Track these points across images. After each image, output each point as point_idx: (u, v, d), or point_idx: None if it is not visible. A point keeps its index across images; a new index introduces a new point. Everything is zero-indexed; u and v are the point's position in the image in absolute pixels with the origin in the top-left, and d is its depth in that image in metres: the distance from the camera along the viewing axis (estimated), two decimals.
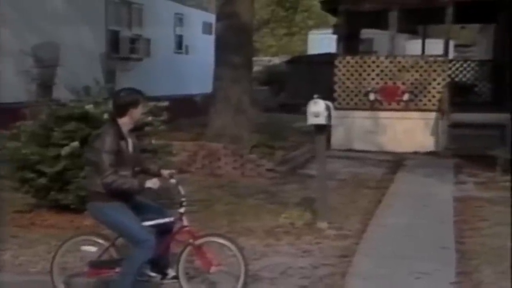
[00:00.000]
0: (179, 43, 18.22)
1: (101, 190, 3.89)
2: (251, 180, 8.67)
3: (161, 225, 4.08)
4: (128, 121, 3.99)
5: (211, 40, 12.22)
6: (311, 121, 6.05)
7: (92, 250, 4.15)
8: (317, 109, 5.98)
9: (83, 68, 11.40)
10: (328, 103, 6.11)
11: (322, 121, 6.02)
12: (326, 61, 14.24)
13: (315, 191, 6.63)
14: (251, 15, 11.47)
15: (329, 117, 6.04)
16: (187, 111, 14.12)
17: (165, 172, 4.22)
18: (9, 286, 4.61)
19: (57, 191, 6.27)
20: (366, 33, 16.92)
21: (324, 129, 6.23)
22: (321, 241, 5.69)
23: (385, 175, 9.32)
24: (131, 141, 4.04)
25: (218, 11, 11.31)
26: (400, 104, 11.85)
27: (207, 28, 19.05)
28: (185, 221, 4.10)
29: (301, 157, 10.44)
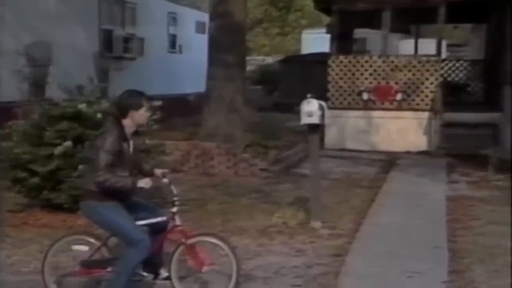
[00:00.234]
0: (173, 42, 18.18)
1: (95, 189, 3.88)
2: (245, 179, 8.68)
3: (154, 225, 4.08)
4: (130, 123, 3.98)
5: (204, 39, 12.22)
6: (305, 120, 6.06)
7: (83, 249, 4.14)
8: (311, 109, 5.99)
9: (76, 67, 11.36)
10: (321, 102, 6.12)
11: (315, 120, 6.03)
12: (319, 60, 14.26)
13: (309, 190, 6.64)
14: (244, 15, 11.47)
15: (322, 117, 6.05)
16: (180, 111, 14.10)
17: (158, 171, 4.22)
18: (1, 286, 4.59)
19: (49, 191, 6.26)
20: (359, 33, 16.96)
21: (317, 129, 6.25)
22: (314, 241, 5.70)
23: (378, 174, 9.35)
24: (132, 143, 4.02)
25: (211, 10, 11.30)
26: (393, 103, 11.89)
27: (200, 27, 19.03)
28: (178, 221, 4.10)
29: (294, 157, 10.45)
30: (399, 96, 11.81)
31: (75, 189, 6.07)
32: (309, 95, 6.05)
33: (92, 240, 4.17)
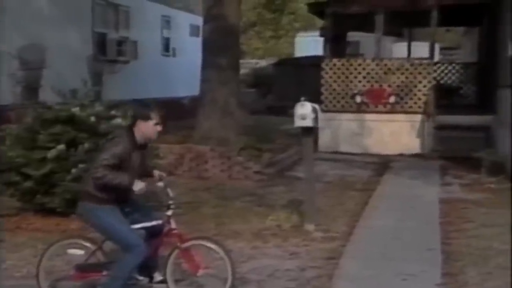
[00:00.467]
0: (166, 46, 18.17)
1: (94, 191, 3.89)
2: (239, 182, 8.68)
3: (149, 228, 4.08)
4: (137, 133, 4.00)
5: (198, 42, 12.21)
6: (298, 123, 6.08)
7: (79, 253, 4.13)
8: (304, 112, 6.01)
9: (70, 70, 11.33)
10: (315, 105, 6.14)
11: (309, 123, 6.05)
12: (313, 63, 14.29)
13: (302, 193, 6.65)
14: (238, 17, 11.48)
15: (316, 120, 6.07)
16: (174, 114, 14.06)
17: (156, 172, 4.23)
18: None
19: (43, 194, 6.24)
20: (352, 36, 17.00)
21: (311, 132, 6.26)
22: (308, 243, 5.71)
23: (371, 177, 9.37)
24: (139, 154, 4.03)
25: (205, 13, 11.31)
26: (386, 106, 11.93)
27: (194, 30, 19.03)
28: (173, 224, 4.09)
29: (288, 160, 10.46)
30: (392, 99, 11.85)
31: (68, 192, 6.07)
32: (302, 98, 6.07)
33: (87, 244, 4.16)
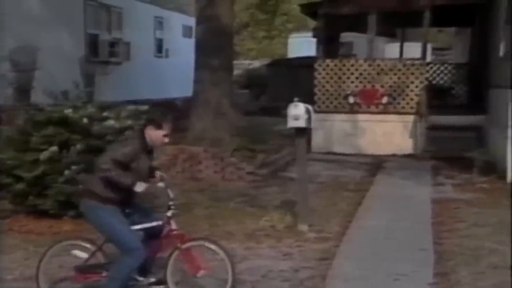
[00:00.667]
0: (159, 47, 18.16)
1: (98, 190, 3.91)
2: (232, 183, 8.68)
3: (149, 229, 4.09)
4: (147, 136, 4.05)
5: (191, 43, 12.22)
6: (291, 124, 6.09)
7: (79, 254, 4.13)
8: (297, 112, 6.02)
9: (62, 72, 11.29)
10: (308, 106, 6.16)
11: (302, 124, 6.06)
12: (306, 64, 14.31)
13: (296, 194, 6.66)
14: (231, 18, 11.49)
15: (309, 120, 6.08)
16: None
17: (158, 173, 4.24)
18: None
19: (35, 196, 6.21)
20: (345, 37, 17.04)
21: (304, 132, 6.27)
22: (301, 244, 5.72)
23: (364, 177, 9.40)
24: (147, 157, 4.07)
25: (198, 14, 11.31)
26: (379, 107, 11.97)
27: (187, 31, 19.02)
28: (173, 225, 4.10)
29: (281, 160, 10.47)
30: (385, 99, 11.88)
31: (61, 194, 6.05)
32: (295, 99, 6.08)
33: (87, 245, 4.17)
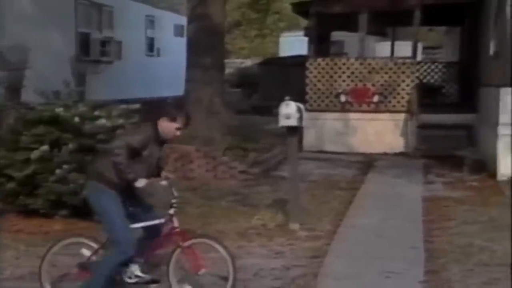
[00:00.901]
0: (151, 46, 18.12)
1: (109, 175, 3.90)
2: (224, 182, 8.68)
3: (152, 226, 4.10)
4: (160, 128, 4.03)
5: (183, 42, 12.20)
6: (283, 122, 6.10)
7: (84, 252, 4.14)
8: (289, 111, 6.04)
9: (53, 71, 11.24)
10: (299, 105, 6.17)
11: (293, 123, 6.08)
12: (297, 63, 14.32)
13: (287, 192, 6.68)
14: (223, 17, 11.49)
15: (300, 119, 6.10)
16: None
17: (164, 173, 4.24)
18: None
19: (26, 196, 6.19)
20: (337, 36, 17.07)
21: (295, 131, 6.29)
22: (293, 242, 5.73)
23: (356, 176, 9.43)
24: (157, 149, 4.06)
25: (189, 13, 11.31)
26: (370, 105, 12.01)
27: (178, 30, 18.99)
28: (176, 223, 4.10)
29: (273, 159, 10.49)
30: (376, 98, 11.93)
31: (52, 194, 6.04)
32: (287, 98, 6.10)
33: (90, 242, 4.17)
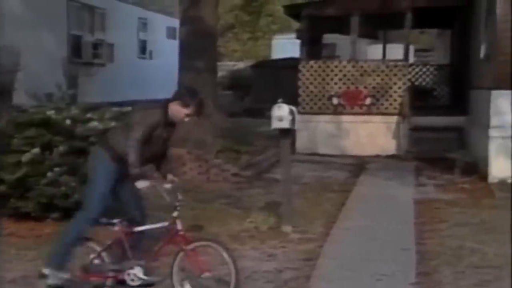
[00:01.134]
0: (143, 48, 18.08)
1: (118, 148, 4.00)
2: (216, 185, 8.68)
3: (155, 229, 4.13)
4: (170, 110, 4.08)
5: (175, 45, 12.19)
6: (275, 125, 6.11)
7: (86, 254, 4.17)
8: (281, 114, 6.05)
9: (45, 73, 11.20)
10: (292, 107, 6.18)
11: (286, 125, 6.09)
12: (290, 65, 14.36)
13: (280, 195, 6.68)
14: (215, 20, 11.50)
15: (293, 121, 6.11)
16: None
17: (170, 176, 4.26)
18: None
19: (17, 199, 6.15)
20: (329, 38, 17.14)
21: (288, 133, 6.30)
22: (285, 245, 5.74)
23: (348, 178, 9.46)
24: (165, 131, 4.12)
25: (182, 15, 11.30)
26: (362, 108, 12.05)
27: (171, 33, 18.97)
28: (179, 226, 4.11)
29: (266, 162, 10.49)
30: (368, 100, 11.97)
31: (43, 197, 6.01)
32: (279, 100, 6.11)
33: (92, 245, 4.16)
